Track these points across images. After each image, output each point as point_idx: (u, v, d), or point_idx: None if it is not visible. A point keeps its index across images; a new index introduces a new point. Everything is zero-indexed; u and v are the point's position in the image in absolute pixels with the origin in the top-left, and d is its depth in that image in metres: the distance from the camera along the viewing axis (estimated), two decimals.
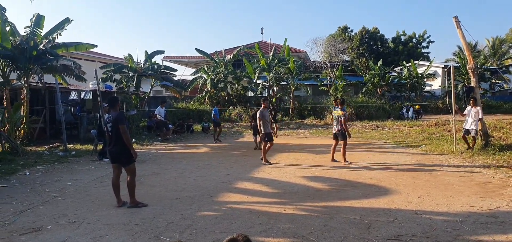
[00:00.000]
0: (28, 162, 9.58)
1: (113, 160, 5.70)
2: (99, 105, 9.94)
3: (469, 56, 9.60)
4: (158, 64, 22.70)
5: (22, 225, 4.90)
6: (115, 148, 5.54)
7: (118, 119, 5.47)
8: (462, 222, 4.61)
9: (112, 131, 5.55)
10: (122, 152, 5.51)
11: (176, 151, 12.30)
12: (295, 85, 23.92)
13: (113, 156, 5.67)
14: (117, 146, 5.51)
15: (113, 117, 5.55)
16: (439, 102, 25.97)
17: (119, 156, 5.57)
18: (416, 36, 42.68)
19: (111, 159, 5.75)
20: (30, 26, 13.24)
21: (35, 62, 13.25)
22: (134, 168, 5.67)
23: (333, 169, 8.43)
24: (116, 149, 5.53)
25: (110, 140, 5.66)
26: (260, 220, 4.92)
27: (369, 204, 5.57)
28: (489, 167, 7.98)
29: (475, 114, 9.42)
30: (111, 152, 5.68)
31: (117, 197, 5.71)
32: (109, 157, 5.88)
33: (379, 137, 14.69)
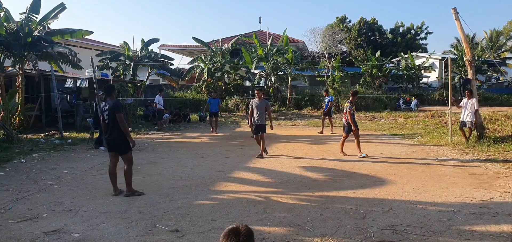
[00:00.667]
0: (24, 150, 9.56)
1: (110, 148, 5.70)
2: (96, 93, 9.89)
3: (466, 48, 9.61)
4: (155, 52, 22.53)
5: (18, 212, 4.90)
6: (112, 136, 5.54)
7: (115, 108, 5.45)
8: (455, 212, 4.66)
9: (109, 119, 5.53)
10: (120, 140, 5.51)
11: (173, 140, 12.29)
12: (292, 75, 23.86)
13: (110, 145, 5.66)
14: (114, 134, 5.51)
15: (110, 105, 5.53)
16: (436, 94, 26.03)
17: (116, 144, 5.56)
18: (414, 28, 42.61)
19: (109, 148, 5.74)
20: (26, 12, 13.07)
21: (30, 49, 13.13)
22: (131, 157, 5.68)
23: (329, 159, 8.46)
24: (113, 137, 5.52)
25: (106, 129, 5.63)
26: (256, 209, 4.95)
27: (364, 194, 5.61)
28: (483, 159, 8.04)
29: (470, 106, 9.47)
30: (108, 141, 5.68)
31: (113, 185, 5.72)
32: (106, 146, 5.85)
33: (376, 128, 14.75)
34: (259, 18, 61.51)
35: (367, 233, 4.09)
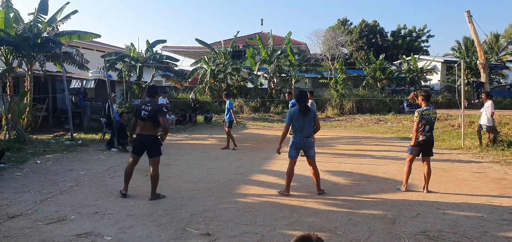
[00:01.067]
0: (37, 151, 9.51)
1: (138, 150, 5.57)
2: (108, 95, 9.85)
3: (480, 52, 9.66)
4: (160, 53, 22.53)
5: (45, 214, 4.87)
6: (144, 137, 5.44)
7: (159, 110, 5.40)
8: (485, 218, 4.66)
9: (147, 120, 5.41)
10: (154, 143, 5.46)
11: (183, 141, 12.27)
12: (296, 77, 23.88)
13: (139, 145, 5.53)
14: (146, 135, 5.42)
15: (153, 107, 5.43)
16: (439, 97, 26.11)
17: (149, 145, 5.46)
18: (416, 30, 42.76)
19: (136, 149, 5.60)
20: (35, 13, 13.02)
21: (39, 50, 13.07)
22: (159, 161, 5.63)
23: (344, 162, 8.47)
24: (146, 138, 5.44)
25: (142, 127, 5.48)
26: (283, 213, 4.94)
27: (388, 198, 5.61)
28: (500, 163, 8.06)
29: (486, 109, 9.50)
30: (140, 140, 5.51)
31: (126, 184, 5.69)
32: (134, 146, 5.69)
33: (383, 131, 14.78)
34: (261, 20, 61.44)
35: (401, 239, 4.08)
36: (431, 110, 5.76)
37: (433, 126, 5.81)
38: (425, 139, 5.72)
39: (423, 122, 5.67)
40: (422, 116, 5.67)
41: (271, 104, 23.14)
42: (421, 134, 5.73)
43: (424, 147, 5.78)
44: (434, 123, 5.82)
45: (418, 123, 5.70)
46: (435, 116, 5.82)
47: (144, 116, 5.41)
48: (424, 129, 5.70)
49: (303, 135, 5.59)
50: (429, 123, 5.70)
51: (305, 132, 5.60)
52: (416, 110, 5.84)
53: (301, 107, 5.57)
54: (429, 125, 5.70)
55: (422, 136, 5.72)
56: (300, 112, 5.55)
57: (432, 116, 5.73)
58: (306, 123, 5.58)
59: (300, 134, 5.59)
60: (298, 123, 5.58)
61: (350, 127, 16.92)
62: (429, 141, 5.77)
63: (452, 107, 21.97)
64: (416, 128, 5.74)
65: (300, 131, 5.59)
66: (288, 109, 9.93)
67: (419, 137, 5.73)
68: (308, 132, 5.62)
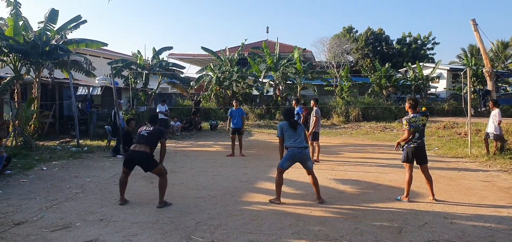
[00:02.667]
0: (43, 157, 9.59)
1: (129, 165, 5.68)
2: (115, 102, 9.92)
3: (486, 60, 9.59)
4: (166, 61, 22.69)
5: (51, 221, 4.89)
6: (138, 154, 5.56)
7: (162, 133, 5.78)
8: (494, 228, 4.59)
9: (146, 137, 5.64)
10: (147, 159, 5.58)
11: (188, 148, 12.29)
12: (301, 84, 23.89)
13: (132, 161, 5.64)
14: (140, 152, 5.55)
15: (156, 129, 5.76)
16: (445, 105, 25.94)
17: (144, 161, 5.58)
18: (421, 38, 42.66)
19: (129, 164, 5.69)
20: (44, 21, 13.21)
21: (47, 57, 13.23)
22: (163, 167, 5.67)
23: (350, 170, 8.42)
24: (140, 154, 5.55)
25: (137, 144, 5.65)
26: (289, 222, 4.90)
27: (394, 207, 5.56)
28: (508, 171, 7.97)
29: (493, 117, 9.42)
30: (132, 156, 5.63)
31: (121, 194, 5.77)
32: (125, 160, 5.85)
33: (389, 139, 14.69)
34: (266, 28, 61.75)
35: None
36: (418, 117, 5.72)
37: (423, 132, 5.78)
38: (416, 146, 5.71)
39: (412, 130, 5.67)
40: (410, 124, 5.68)
41: (277, 111, 23.14)
42: (410, 141, 5.73)
43: (416, 155, 5.74)
44: (423, 129, 5.77)
45: (409, 131, 5.69)
46: (423, 123, 5.75)
47: (143, 134, 5.66)
48: (414, 136, 5.70)
49: (300, 147, 5.68)
50: (417, 130, 5.68)
51: (301, 143, 5.69)
52: (404, 118, 5.82)
53: (290, 123, 5.77)
54: (418, 132, 5.69)
55: (413, 143, 5.71)
56: (290, 127, 5.74)
57: (419, 123, 5.70)
58: (298, 134, 5.72)
59: (298, 144, 5.69)
60: (290, 134, 5.73)
61: (355, 134, 16.85)
62: (421, 147, 5.75)
63: (459, 115, 21.82)
64: (407, 136, 5.72)
65: (294, 141, 5.69)
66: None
67: (411, 144, 5.72)
68: (303, 143, 5.72)
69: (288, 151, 5.76)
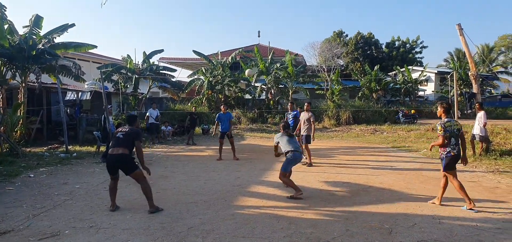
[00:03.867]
0: (30, 164, 9.44)
1: (111, 169, 5.64)
2: (104, 107, 9.82)
3: (471, 64, 9.79)
4: (156, 65, 22.56)
5: (38, 229, 4.81)
6: (115, 157, 5.52)
7: (138, 135, 5.68)
8: (480, 227, 4.68)
9: (122, 139, 5.58)
10: (125, 161, 5.53)
11: (180, 153, 12.22)
12: (293, 88, 24.00)
13: (111, 165, 5.60)
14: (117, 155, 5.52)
15: (131, 131, 5.67)
16: (433, 107, 26.31)
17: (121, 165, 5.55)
18: (409, 42, 43.29)
19: (109, 169, 5.66)
20: (29, 26, 13.04)
21: (34, 62, 13.05)
22: (142, 173, 5.61)
23: (342, 173, 8.47)
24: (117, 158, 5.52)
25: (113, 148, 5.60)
26: (281, 225, 4.92)
27: (385, 209, 5.61)
28: (493, 172, 8.12)
29: (478, 119, 9.59)
30: (111, 160, 5.59)
31: (112, 200, 5.72)
32: (106, 167, 5.79)
33: (379, 141, 14.83)
34: (258, 32, 62.00)
35: None
36: (453, 122, 5.54)
37: (458, 138, 5.49)
38: (457, 153, 5.44)
39: (447, 134, 5.43)
40: (445, 129, 5.46)
41: (269, 115, 23.17)
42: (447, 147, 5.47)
43: (456, 161, 5.50)
44: (458, 134, 5.48)
45: (443, 137, 5.45)
46: (458, 128, 5.51)
47: (119, 137, 5.61)
48: (450, 141, 5.45)
49: (299, 151, 6.57)
50: (452, 135, 5.46)
51: (299, 148, 6.64)
52: (438, 123, 5.59)
53: (285, 132, 6.71)
54: (453, 137, 5.46)
55: (452, 150, 5.44)
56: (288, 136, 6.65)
57: (454, 128, 5.48)
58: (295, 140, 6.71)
59: (298, 149, 6.53)
60: (292, 143, 6.55)
61: (346, 137, 16.97)
62: (459, 155, 5.52)
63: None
64: (442, 142, 5.47)
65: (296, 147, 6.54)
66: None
67: (450, 151, 5.44)
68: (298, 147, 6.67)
69: (292, 156, 6.42)
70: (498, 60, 43.43)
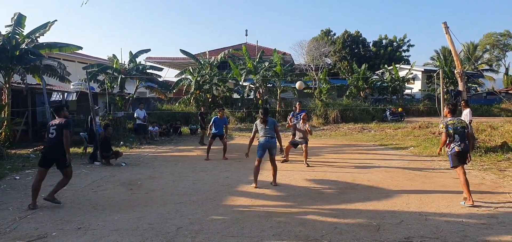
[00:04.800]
0: (15, 166, 9.26)
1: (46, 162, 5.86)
2: (91, 107, 9.69)
3: (457, 62, 9.96)
4: (143, 64, 22.34)
5: (25, 232, 4.74)
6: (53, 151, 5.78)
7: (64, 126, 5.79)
8: (465, 223, 4.78)
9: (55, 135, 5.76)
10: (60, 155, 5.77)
11: (168, 153, 12.15)
12: (281, 87, 24.07)
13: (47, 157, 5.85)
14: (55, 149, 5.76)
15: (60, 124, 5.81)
16: (420, 105, 26.73)
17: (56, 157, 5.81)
18: (396, 40, 43.84)
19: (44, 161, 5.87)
20: (12, 25, 12.76)
21: (18, 62, 12.79)
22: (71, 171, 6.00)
23: (330, 171, 8.55)
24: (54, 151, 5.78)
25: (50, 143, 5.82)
26: (270, 224, 4.94)
27: (372, 206, 5.69)
28: (478, 168, 8.30)
29: (464, 117, 9.78)
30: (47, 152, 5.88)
31: (33, 199, 5.79)
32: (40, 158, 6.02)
33: (367, 139, 15.00)
34: (245, 31, 61.97)
35: None
36: (458, 121, 5.85)
37: (463, 135, 5.72)
38: (461, 150, 5.68)
39: (450, 132, 5.73)
40: (447, 126, 5.80)
41: (257, 114, 23.18)
42: (452, 144, 5.75)
43: (463, 156, 5.74)
44: (462, 132, 5.72)
45: (445, 134, 5.80)
46: (462, 126, 5.78)
47: (52, 133, 5.79)
48: (455, 138, 5.72)
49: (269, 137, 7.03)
50: (456, 132, 5.71)
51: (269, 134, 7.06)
52: (441, 122, 6.10)
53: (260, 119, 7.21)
54: (457, 134, 5.71)
55: (457, 146, 5.69)
56: (262, 123, 7.15)
57: (458, 126, 5.76)
58: (268, 129, 7.08)
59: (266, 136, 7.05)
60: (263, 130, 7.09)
61: (334, 135, 17.12)
62: (466, 151, 5.73)
63: (433, 115, 22.54)
64: (444, 138, 5.84)
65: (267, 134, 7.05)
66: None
67: (455, 147, 5.71)
68: (271, 134, 7.07)
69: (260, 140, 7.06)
70: (483, 58, 44.40)
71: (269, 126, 7.10)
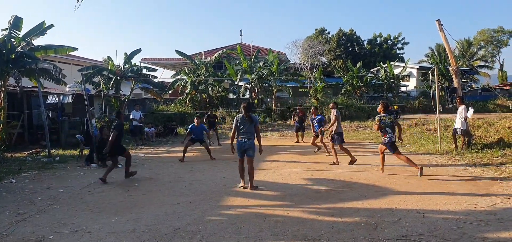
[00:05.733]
0: (12, 169, 9.20)
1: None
2: (87, 110, 9.64)
3: (451, 59, 10.03)
4: (138, 66, 22.25)
5: (21, 235, 4.70)
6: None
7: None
8: (463, 220, 4.80)
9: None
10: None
11: (164, 155, 12.11)
12: (277, 87, 24.07)
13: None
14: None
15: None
16: (416, 102, 26.83)
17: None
18: (391, 38, 43.97)
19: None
20: (8, 28, 12.67)
21: (13, 65, 12.69)
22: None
23: (327, 170, 8.57)
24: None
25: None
26: (268, 224, 4.94)
27: (370, 204, 5.70)
28: (474, 165, 8.35)
29: (460, 113, 9.84)
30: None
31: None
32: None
33: (363, 137, 15.04)
34: (240, 31, 61.83)
35: None
36: (388, 117, 7.50)
37: (393, 128, 7.51)
38: (394, 140, 7.55)
39: (382, 125, 7.47)
40: (380, 120, 7.52)
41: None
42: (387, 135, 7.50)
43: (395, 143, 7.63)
44: (392, 125, 7.50)
45: (378, 125, 7.57)
46: (391, 121, 7.52)
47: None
48: (387, 131, 7.47)
49: (247, 139, 6.75)
50: (387, 125, 7.47)
51: (246, 134, 6.76)
52: (376, 117, 7.67)
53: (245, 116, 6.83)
54: (388, 127, 7.47)
55: (391, 137, 7.48)
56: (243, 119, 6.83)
57: (388, 120, 7.49)
58: (247, 127, 6.78)
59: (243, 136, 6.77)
60: (242, 128, 6.78)
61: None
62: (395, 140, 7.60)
63: (429, 112, 22.60)
64: (377, 129, 7.68)
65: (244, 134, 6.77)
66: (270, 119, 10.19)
67: (390, 138, 7.48)
68: (249, 134, 6.77)
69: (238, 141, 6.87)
70: (478, 54, 44.65)
71: (250, 124, 6.75)
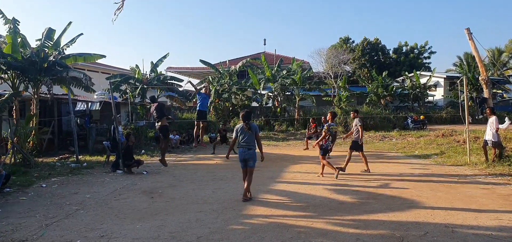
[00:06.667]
0: (42, 174, 9.55)
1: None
2: (114, 117, 9.92)
3: (481, 68, 9.69)
4: (164, 74, 22.79)
5: (51, 239, 4.86)
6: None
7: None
8: (495, 236, 4.59)
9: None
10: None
11: (188, 162, 12.27)
12: (300, 95, 23.98)
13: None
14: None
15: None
16: (443, 112, 26.05)
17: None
18: (417, 47, 43.03)
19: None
20: (41, 39, 13.30)
21: (45, 74, 13.26)
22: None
23: (351, 180, 8.42)
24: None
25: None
26: (291, 234, 4.89)
27: (395, 217, 5.55)
28: (507, 178, 7.99)
29: (491, 125, 9.47)
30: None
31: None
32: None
33: (389, 148, 14.71)
34: (263, 40, 62.26)
35: None
36: (334, 126, 8.83)
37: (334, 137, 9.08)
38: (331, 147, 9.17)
39: (329, 134, 8.60)
40: (329, 129, 8.59)
41: (276, 122, 23.15)
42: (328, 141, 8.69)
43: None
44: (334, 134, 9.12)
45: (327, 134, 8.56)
46: (335, 130, 9.07)
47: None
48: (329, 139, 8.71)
49: (248, 148, 6.63)
50: (331, 134, 8.79)
51: (247, 144, 6.62)
52: (326, 125, 8.71)
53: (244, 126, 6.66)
54: (332, 135, 8.88)
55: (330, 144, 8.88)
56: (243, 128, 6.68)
57: (333, 130, 8.83)
58: (248, 136, 6.65)
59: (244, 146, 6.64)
60: (242, 137, 6.67)
61: None
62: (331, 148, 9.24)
63: (457, 123, 21.91)
64: (324, 136, 8.59)
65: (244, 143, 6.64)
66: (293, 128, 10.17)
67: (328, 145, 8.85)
68: (249, 144, 6.63)
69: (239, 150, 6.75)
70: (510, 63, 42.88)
71: (250, 133, 6.61)
